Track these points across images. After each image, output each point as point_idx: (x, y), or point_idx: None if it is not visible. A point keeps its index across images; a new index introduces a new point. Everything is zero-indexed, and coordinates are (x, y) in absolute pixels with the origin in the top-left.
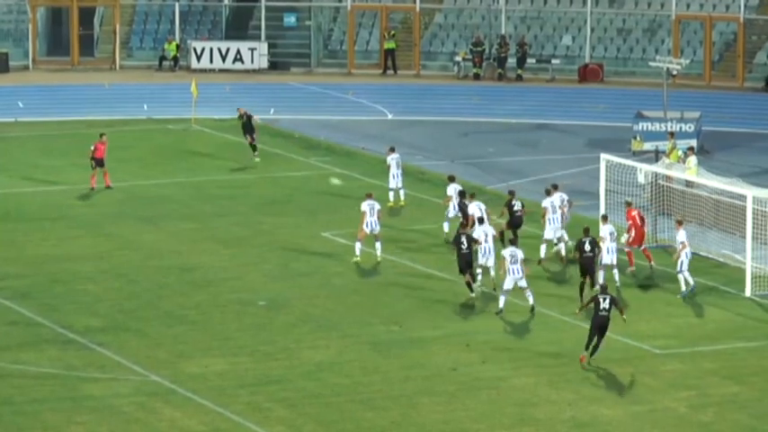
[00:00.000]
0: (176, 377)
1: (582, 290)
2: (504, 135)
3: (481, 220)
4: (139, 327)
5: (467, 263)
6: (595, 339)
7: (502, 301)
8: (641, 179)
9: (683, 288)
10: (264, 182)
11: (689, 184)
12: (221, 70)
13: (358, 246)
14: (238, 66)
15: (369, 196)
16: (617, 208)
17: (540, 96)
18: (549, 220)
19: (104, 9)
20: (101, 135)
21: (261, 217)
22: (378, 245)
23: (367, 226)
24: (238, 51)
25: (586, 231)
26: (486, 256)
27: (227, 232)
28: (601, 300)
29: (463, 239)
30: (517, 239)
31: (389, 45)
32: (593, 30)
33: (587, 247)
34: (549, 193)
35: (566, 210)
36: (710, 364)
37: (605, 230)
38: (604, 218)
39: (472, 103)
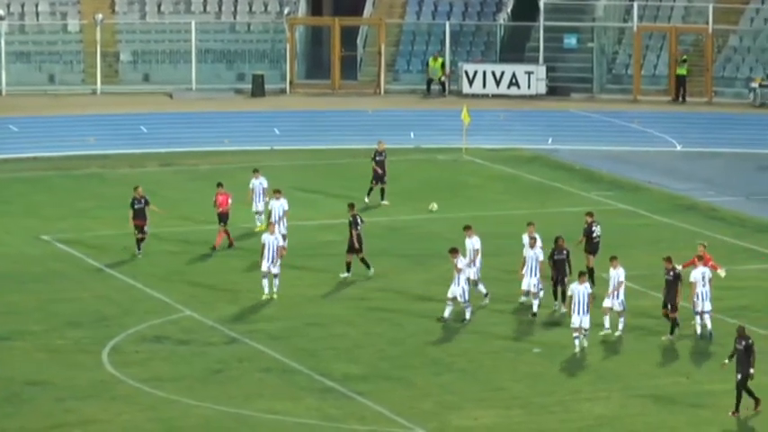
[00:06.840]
0: (443, 430)
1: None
2: None
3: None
4: (403, 375)
5: (357, 244)
6: None
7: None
8: None
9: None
10: (540, 218)
11: None
12: (495, 95)
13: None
14: (514, 91)
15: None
16: None
17: None
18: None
19: (368, 29)
20: (218, 185)
21: None
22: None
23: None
24: (514, 75)
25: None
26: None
27: (499, 274)
28: None
29: (359, 219)
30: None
31: (681, 71)
32: None
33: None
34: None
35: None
36: None
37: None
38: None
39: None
